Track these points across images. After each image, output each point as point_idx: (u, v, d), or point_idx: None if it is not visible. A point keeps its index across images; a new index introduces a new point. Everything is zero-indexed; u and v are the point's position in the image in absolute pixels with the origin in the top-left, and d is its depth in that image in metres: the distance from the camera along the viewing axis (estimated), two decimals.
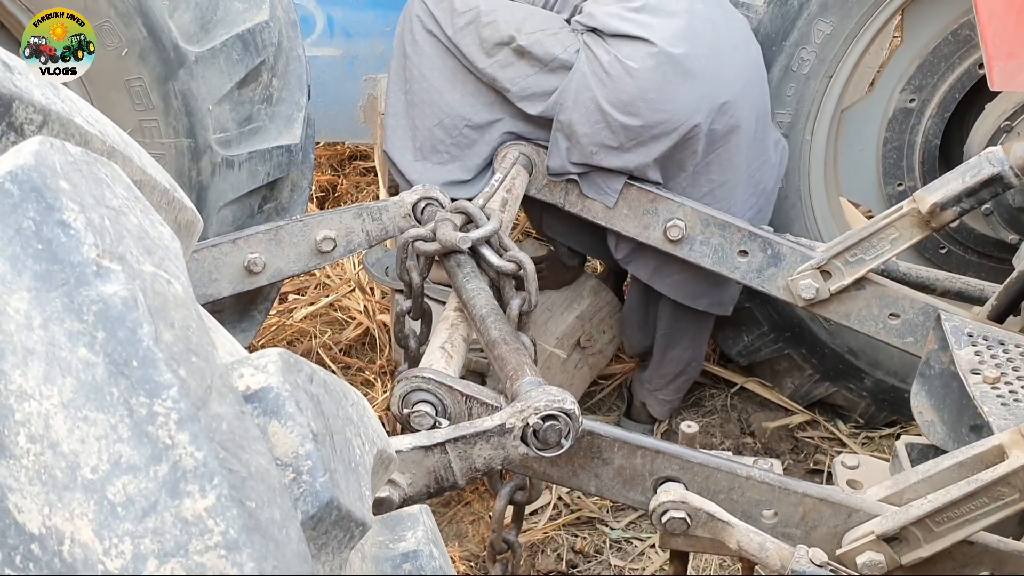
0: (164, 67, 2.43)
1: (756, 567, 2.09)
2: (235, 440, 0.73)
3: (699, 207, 2.84)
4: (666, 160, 2.84)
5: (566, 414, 1.90)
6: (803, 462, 3.32)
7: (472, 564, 2.91)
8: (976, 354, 2.31)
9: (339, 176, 4.46)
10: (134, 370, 0.70)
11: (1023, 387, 2.22)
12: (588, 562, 2.98)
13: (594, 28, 2.81)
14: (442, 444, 1.89)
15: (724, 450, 3.18)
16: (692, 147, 2.83)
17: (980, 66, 3.13)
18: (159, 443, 0.69)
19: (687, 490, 1.99)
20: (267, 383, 0.81)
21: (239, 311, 2.77)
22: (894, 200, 3.24)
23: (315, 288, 3.97)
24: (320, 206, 4.23)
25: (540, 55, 2.82)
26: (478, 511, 3.07)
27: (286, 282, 3.45)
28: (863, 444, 3.40)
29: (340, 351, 3.66)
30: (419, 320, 2.54)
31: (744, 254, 2.82)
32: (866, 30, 3.06)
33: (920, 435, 2.43)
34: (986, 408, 2.14)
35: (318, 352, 3.61)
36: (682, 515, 1.96)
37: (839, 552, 1.96)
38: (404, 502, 1.82)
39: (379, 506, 1.70)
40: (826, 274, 2.71)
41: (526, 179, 2.88)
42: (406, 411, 2.03)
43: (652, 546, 3.01)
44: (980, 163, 2.50)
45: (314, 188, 4.08)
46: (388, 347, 3.61)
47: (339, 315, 3.83)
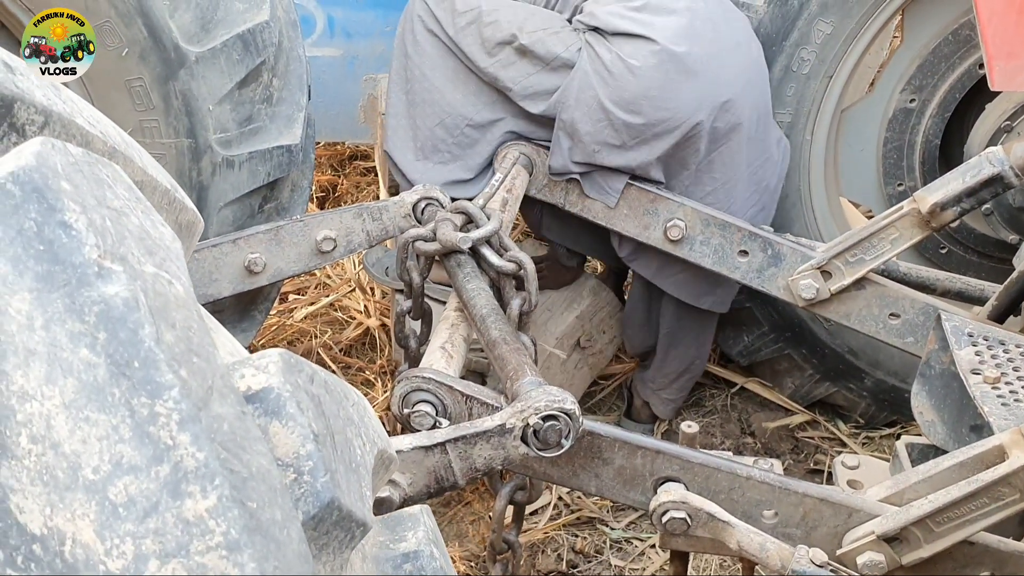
0: (165, 67, 2.43)
1: (756, 567, 2.09)
2: (236, 441, 0.73)
3: (699, 207, 2.84)
4: (669, 159, 2.84)
5: (566, 414, 1.90)
6: (803, 462, 3.32)
7: (472, 564, 2.91)
8: (976, 354, 2.31)
9: (339, 176, 4.46)
10: (135, 371, 0.71)
11: (1023, 387, 2.22)
12: (588, 562, 2.98)
13: (596, 27, 2.81)
14: (442, 444, 1.89)
15: (724, 450, 3.18)
16: (694, 145, 2.83)
17: (980, 66, 3.13)
18: (160, 444, 0.69)
19: (687, 490, 1.99)
20: (268, 384, 0.81)
21: (239, 311, 2.77)
22: (894, 200, 3.24)
23: (315, 288, 3.97)
24: (320, 206, 4.23)
25: (542, 54, 2.82)
26: (478, 511, 3.07)
27: (286, 282, 3.45)
28: (863, 444, 3.40)
29: (340, 351, 3.66)
30: (419, 320, 2.55)
31: (744, 254, 2.82)
32: (866, 30, 3.06)
33: (920, 435, 2.43)
34: (986, 408, 2.14)
35: (318, 352, 3.61)
36: (682, 515, 1.96)
37: (839, 552, 1.96)
38: (404, 502, 1.82)
39: (380, 506, 1.70)
40: (826, 274, 2.71)
41: (526, 179, 2.88)
42: (406, 411, 2.03)
43: (652, 546, 3.01)
44: (980, 163, 2.50)
45: (314, 188, 4.08)
46: (388, 347, 3.61)
47: (339, 315, 3.83)
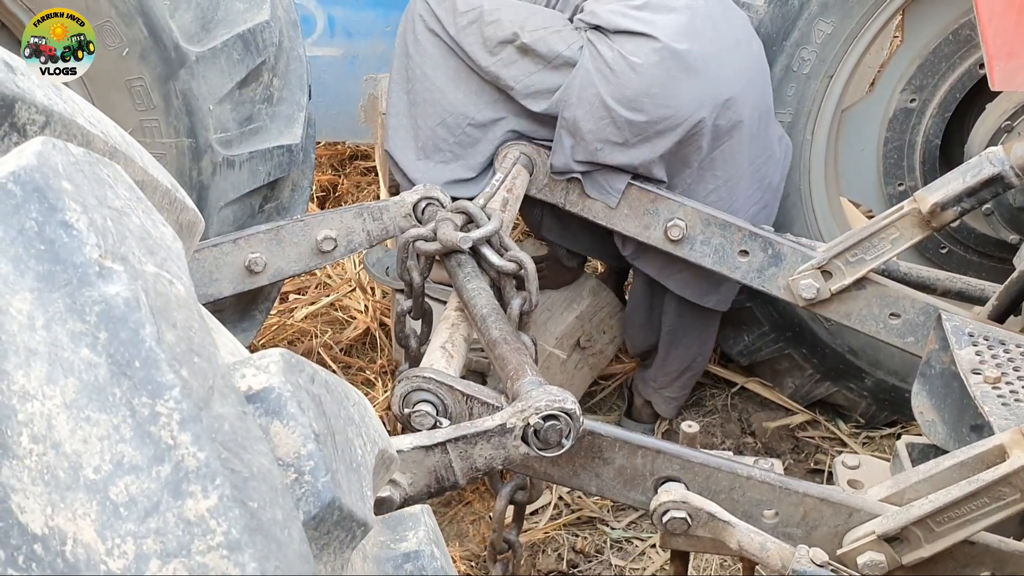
0: (165, 67, 2.43)
1: (757, 567, 2.09)
2: (237, 440, 0.73)
3: (700, 207, 2.84)
4: (671, 157, 2.84)
5: (567, 414, 1.90)
6: (804, 462, 3.32)
7: (473, 564, 2.91)
8: (977, 354, 2.31)
9: (340, 176, 4.46)
10: (136, 371, 0.71)
11: (1023, 387, 2.22)
12: (589, 562, 2.98)
13: (597, 25, 2.81)
14: (443, 444, 1.89)
15: (725, 450, 3.18)
16: (696, 143, 2.83)
17: (981, 66, 3.13)
18: (161, 443, 0.69)
19: (688, 490, 1.99)
20: (269, 383, 0.81)
21: (240, 311, 2.77)
22: (895, 200, 3.24)
23: (316, 288, 3.97)
24: (321, 206, 4.23)
25: (544, 52, 2.82)
26: (479, 511, 3.07)
27: (287, 282, 3.45)
28: (864, 444, 3.40)
29: (341, 351, 3.66)
30: (420, 320, 2.55)
31: (745, 254, 2.82)
32: (867, 30, 3.06)
33: (921, 435, 2.43)
34: (987, 408, 2.14)
35: (319, 352, 3.61)
36: (683, 515, 1.96)
37: (840, 552, 1.96)
38: (405, 502, 1.82)
39: (380, 506, 1.70)
40: (827, 274, 2.71)
41: (527, 179, 2.88)
42: (407, 411, 2.03)
43: (653, 546, 3.01)
44: (981, 163, 2.50)
45: (315, 188, 4.07)
46: (389, 347, 3.61)
47: (340, 315, 3.83)
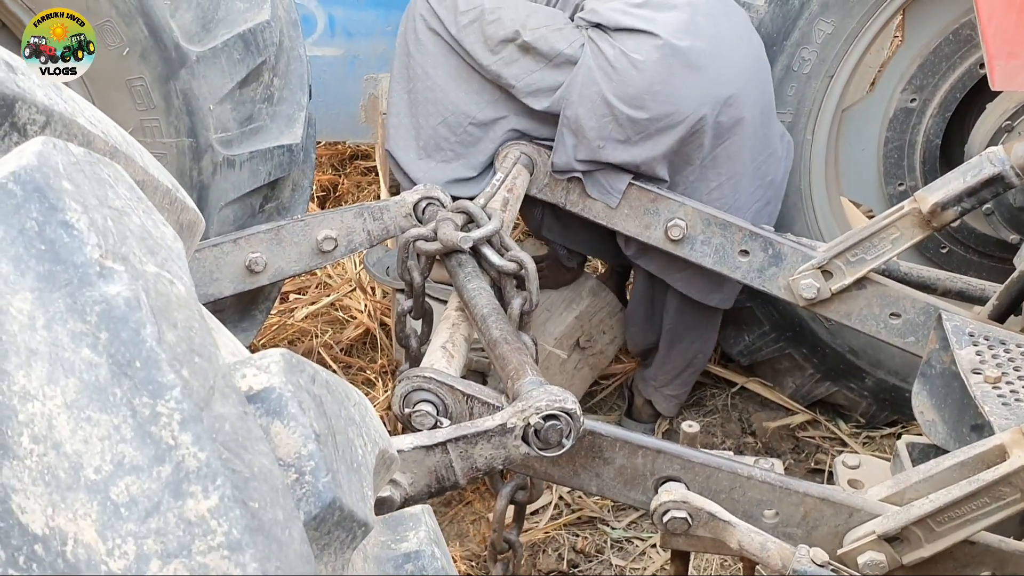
0: (165, 67, 2.43)
1: (757, 567, 2.09)
2: (238, 441, 0.73)
3: (700, 206, 2.84)
4: (673, 155, 2.84)
5: (567, 414, 1.90)
6: (804, 462, 3.32)
7: (473, 564, 2.91)
8: (977, 354, 2.31)
9: (340, 176, 4.46)
10: (137, 371, 0.71)
11: None
12: (589, 562, 2.98)
13: (598, 23, 2.81)
14: (443, 444, 1.89)
15: (725, 450, 3.18)
16: (698, 140, 2.83)
17: (981, 66, 3.13)
18: (162, 444, 0.69)
19: (688, 490, 1.99)
20: (270, 383, 0.81)
21: (240, 311, 2.77)
22: (895, 200, 3.24)
23: (316, 288, 3.97)
24: (321, 206, 4.23)
25: (545, 50, 2.82)
26: (479, 511, 3.07)
27: (287, 282, 3.45)
28: (864, 444, 3.40)
29: (341, 351, 3.66)
30: (420, 319, 2.54)
31: (745, 254, 2.82)
32: (867, 30, 3.05)
33: (921, 435, 2.43)
34: (987, 408, 2.14)
35: (319, 352, 3.61)
36: (683, 515, 1.96)
37: (840, 552, 1.96)
38: (405, 502, 1.82)
39: (381, 506, 1.70)
40: (827, 274, 2.71)
41: (527, 179, 2.88)
42: (407, 411, 2.03)
43: (653, 546, 3.01)
44: (981, 163, 2.50)
45: (315, 188, 4.07)
46: (389, 347, 3.61)
47: (340, 315, 3.83)
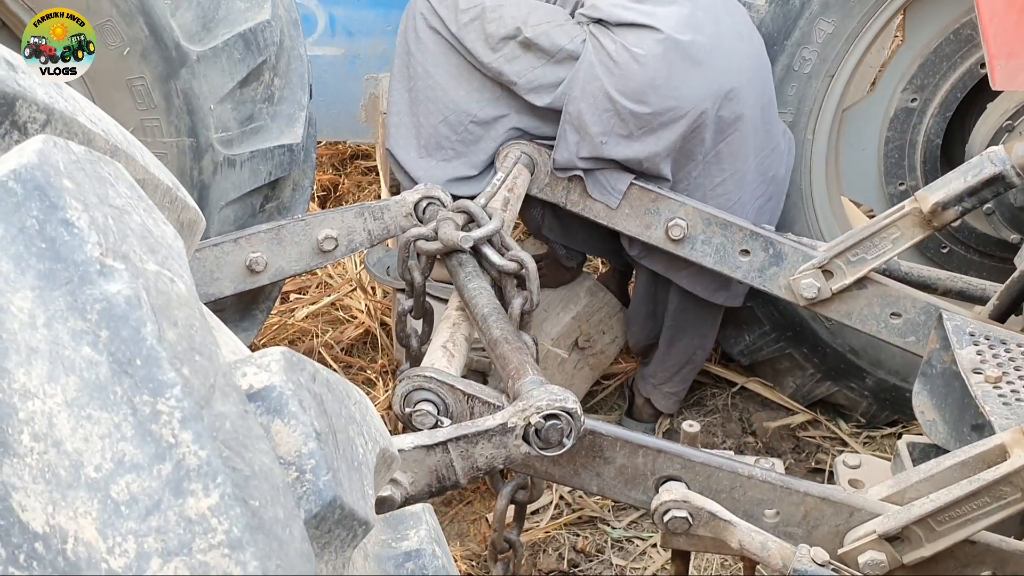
0: (166, 66, 2.43)
1: (758, 566, 2.09)
2: (238, 439, 0.73)
3: (701, 206, 2.84)
4: (676, 151, 2.84)
5: (568, 413, 1.90)
6: (805, 461, 3.32)
7: (474, 563, 2.91)
8: (978, 353, 2.31)
9: (341, 175, 4.46)
10: (137, 369, 0.71)
11: None
12: (590, 561, 2.98)
13: (599, 19, 2.82)
14: (444, 443, 1.89)
15: (726, 449, 3.18)
16: (700, 135, 2.83)
17: (982, 65, 3.13)
18: (162, 442, 0.69)
19: (689, 489, 1.99)
20: (270, 382, 0.81)
21: (241, 310, 2.77)
22: (895, 199, 3.24)
23: (316, 287, 3.97)
24: (322, 205, 4.23)
25: (547, 47, 2.82)
26: (479, 510, 3.07)
27: (287, 281, 3.45)
28: (864, 444, 3.40)
29: (341, 350, 3.66)
30: (421, 319, 2.54)
31: (746, 253, 2.82)
32: (868, 29, 3.05)
33: (922, 434, 2.43)
34: (988, 407, 2.13)
35: (319, 351, 3.61)
36: (684, 514, 1.96)
37: (841, 551, 1.96)
38: (406, 501, 1.82)
39: (381, 505, 1.70)
40: (828, 273, 2.71)
41: (528, 178, 2.87)
42: (408, 410, 2.02)
43: (654, 545, 3.01)
44: (982, 162, 2.50)
45: (316, 187, 4.08)
46: (389, 347, 3.61)
47: (340, 314, 3.83)
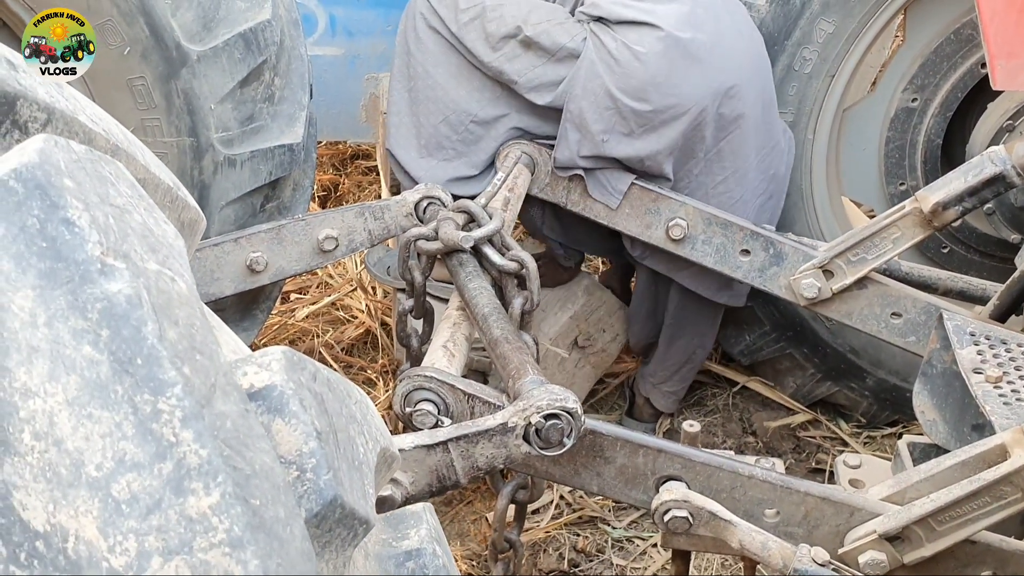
0: (166, 66, 2.43)
1: (758, 566, 2.09)
2: (239, 438, 0.73)
3: (701, 206, 2.84)
4: (677, 150, 2.84)
5: (568, 413, 1.90)
6: (805, 461, 3.32)
7: (474, 563, 2.91)
8: (978, 353, 2.31)
9: (341, 175, 4.46)
10: (138, 368, 0.71)
11: None
12: (590, 561, 2.98)
13: (600, 17, 2.82)
14: (444, 443, 1.89)
15: (726, 449, 3.18)
16: (700, 132, 2.83)
17: (982, 65, 3.12)
18: (163, 441, 0.69)
19: (689, 489, 1.99)
20: (271, 381, 0.81)
21: (241, 310, 2.77)
22: (896, 199, 3.24)
23: (317, 287, 3.97)
24: (322, 205, 4.24)
25: (547, 45, 2.82)
26: (480, 510, 3.07)
27: (288, 281, 3.45)
28: (865, 443, 3.40)
29: (342, 350, 3.66)
30: (421, 319, 2.54)
31: (746, 253, 2.82)
32: (868, 29, 3.06)
33: (922, 434, 2.43)
34: (988, 407, 2.13)
35: (320, 351, 3.61)
36: (684, 514, 1.96)
37: (841, 551, 1.96)
38: (406, 501, 1.82)
39: (382, 505, 1.70)
40: (828, 273, 2.71)
41: (528, 178, 2.87)
42: (408, 410, 2.02)
43: (654, 545, 3.01)
44: (982, 162, 2.50)
45: (316, 187, 4.08)
46: (390, 346, 3.61)
47: (341, 314, 3.83)
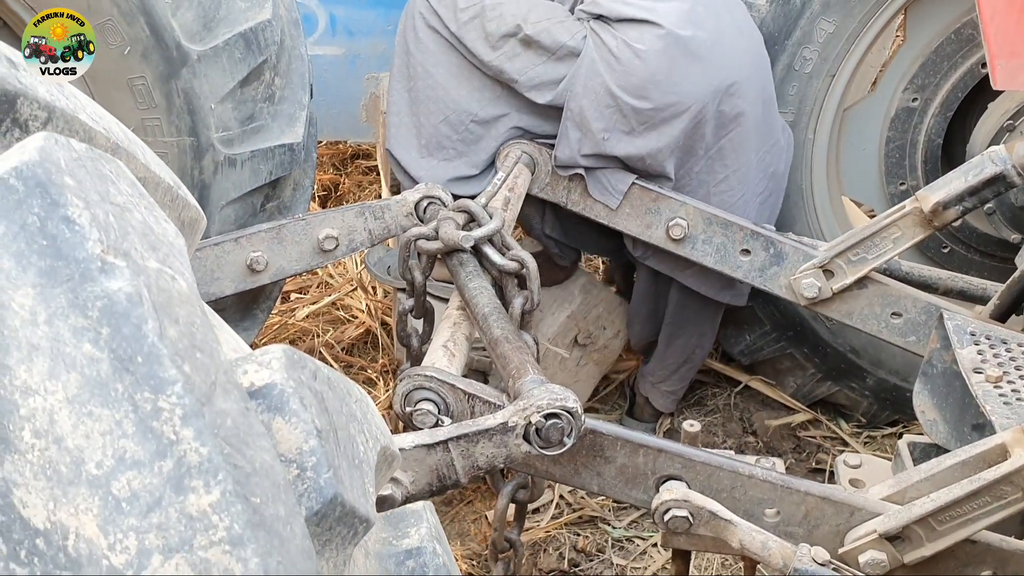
0: (167, 66, 2.43)
1: (758, 566, 2.09)
2: (239, 436, 0.73)
3: (702, 206, 2.84)
4: (678, 148, 2.84)
5: (568, 412, 1.90)
6: (805, 461, 3.32)
7: (474, 563, 2.91)
8: (978, 353, 2.31)
9: (341, 175, 4.46)
10: (139, 366, 0.71)
11: None
12: (590, 561, 2.98)
13: (600, 15, 2.82)
14: (445, 442, 1.89)
15: (726, 449, 3.18)
16: (701, 130, 2.83)
17: (983, 65, 3.12)
18: (164, 439, 0.69)
19: (689, 489, 1.99)
20: (271, 379, 0.81)
21: (241, 310, 2.77)
22: (896, 199, 3.24)
23: (317, 287, 3.97)
24: (322, 205, 4.24)
25: (548, 44, 2.82)
26: (480, 510, 3.07)
27: (288, 281, 3.45)
28: (865, 443, 3.40)
29: (342, 350, 3.66)
30: (421, 319, 2.54)
31: (747, 253, 2.82)
32: (868, 29, 3.06)
33: (922, 434, 2.43)
34: (988, 407, 2.13)
35: (320, 351, 3.61)
36: (684, 513, 1.96)
37: (841, 551, 1.96)
38: (407, 500, 1.82)
39: (382, 504, 1.70)
40: (828, 273, 2.71)
41: (528, 178, 2.87)
42: (408, 409, 2.02)
43: (654, 545, 3.01)
44: (983, 162, 2.50)
45: (316, 187, 4.07)
46: (390, 346, 3.61)
47: (341, 314, 3.83)
